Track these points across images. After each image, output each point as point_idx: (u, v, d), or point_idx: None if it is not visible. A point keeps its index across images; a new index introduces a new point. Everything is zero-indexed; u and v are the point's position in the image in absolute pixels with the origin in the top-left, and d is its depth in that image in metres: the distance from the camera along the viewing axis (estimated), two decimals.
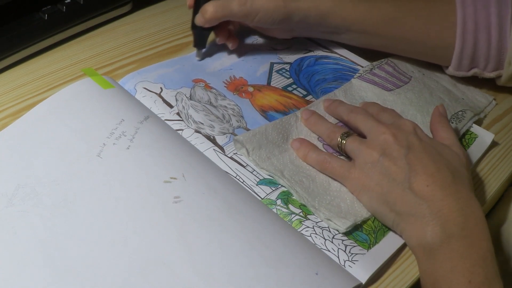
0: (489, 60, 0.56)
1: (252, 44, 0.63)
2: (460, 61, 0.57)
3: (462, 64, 0.57)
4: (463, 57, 0.56)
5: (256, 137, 0.48)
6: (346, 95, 0.55)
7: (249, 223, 0.41)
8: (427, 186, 0.41)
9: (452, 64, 0.57)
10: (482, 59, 0.56)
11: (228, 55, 0.60)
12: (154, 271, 0.37)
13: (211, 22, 0.55)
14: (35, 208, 0.40)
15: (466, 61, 0.56)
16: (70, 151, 0.44)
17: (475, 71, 0.57)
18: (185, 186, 0.43)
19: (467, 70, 0.58)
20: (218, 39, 0.59)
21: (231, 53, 0.61)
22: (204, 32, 0.58)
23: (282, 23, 0.55)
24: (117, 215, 0.40)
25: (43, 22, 0.58)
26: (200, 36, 0.58)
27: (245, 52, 0.61)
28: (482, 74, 0.57)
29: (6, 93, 0.53)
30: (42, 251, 0.38)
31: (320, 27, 0.57)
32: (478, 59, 0.56)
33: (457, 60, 0.57)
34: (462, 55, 0.56)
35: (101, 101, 0.50)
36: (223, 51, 0.61)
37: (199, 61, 0.59)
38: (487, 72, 0.57)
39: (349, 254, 0.41)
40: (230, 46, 0.59)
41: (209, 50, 0.60)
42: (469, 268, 0.38)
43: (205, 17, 0.54)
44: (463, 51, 0.56)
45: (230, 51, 0.60)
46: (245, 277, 0.37)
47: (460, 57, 0.56)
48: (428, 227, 0.40)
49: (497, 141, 0.55)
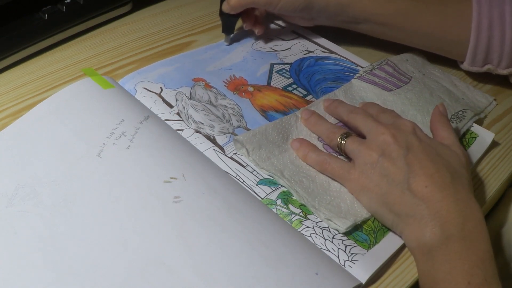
0: (502, 57, 0.57)
1: (252, 45, 0.63)
2: (474, 57, 0.58)
3: (476, 60, 0.58)
4: (477, 53, 0.58)
5: (256, 137, 0.48)
6: (346, 95, 0.55)
7: (249, 223, 0.41)
8: (426, 187, 0.41)
9: (467, 60, 0.59)
10: (495, 56, 0.57)
11: (227, 55, 0.61)
12: (154, 271, 0.37)
13: (236, 9, 0.59)
14: (35, 208, 0.40)
15: (480, 57, 0.58)
16: (70, 151, 0.44)
17: (488, 67, 0.59)
18: (185, 186, 0.43)
19: (481, 66, 0.59)
20: (245, 25, 0.62)
21: (230, 54, 0.61)
22: (231, 19, 0.61)
23: (304, 11, 0.58)
24: (117, 215, 0.40)
25: (43, 22, 0.58)
26: (227, 22, 0.61)
27: (245, 52, 0.62)
28: (495, 70, 0.59)
29: (6, 93, 0.53)
30: (42, 251, 0.38)
31: (339, 16, 0.60)
32: (492, 55, 0.57)
33: (471, 56, 0.58)
34: (476, 51, 0.57)
35: (101, 101, 0.50)
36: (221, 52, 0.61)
37: (227, 46, 0.62)
38: (501, 69, 0.58)
39: (349, 254, 0.41)
40: (256, 32, 0.63)
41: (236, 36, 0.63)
42: (467, 269, 0.37)
43: (230, 4, 0.58)
44: (477, 47, 0.57)
45: (230, 50, 0.61)
46: (245, 277, 0.37)
47: (474, 53, 0.58)
48: (427, 228, 0.40)
49: (497, 141, 0.55)
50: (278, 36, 0.65)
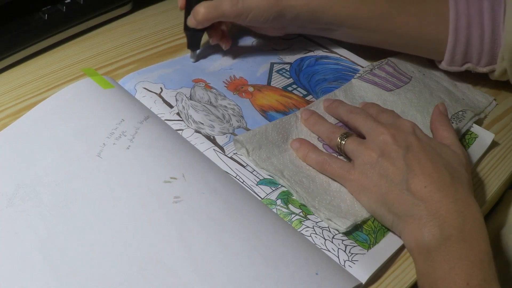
0: (482, 55, 0.56)
1: (252, 45, 0.63)
2: (453, 56, 0.57)
3: (455, 59, 0.57)
4: (456, 52, 0.56)
5: (256, 137, 0.48)
6: (346, 95, 0.55)
7: (249, 223, 0.41)
8: (425, 187, 0.41)
9: (445, 59, 0.58)
10: (475, 54, 0.56)
11: (227, 56, 0.60)
12: (154, 271, 0.37)
13: (203, 24, 0.55)
14: (35, 208, 0.40)
15: (459, 56, 0.57)
16: (70, 151, 0.44)
17: (468, 66, 0.58)
18: (185, 186, 0.43)
19: (460, 65, 0.58)
20: (211, 39, 0.59)
21: (230, 54, 0.61)
22: (197, 34, 0.57)
23: (275, 21, 0.55)
24: (117, 215, 0.40)
25: (43, 22, 0.58)
26: (193, 38, 0.58)
27: (245, 52, 0.61)
28: (475, 69, 0.58)
29: (6, 93, 0.53)
30: (42, 251, 0.38)
31: (312, 24, 0.57)
32: (471, 54, 0.56)
33: (450, 55, 0.57)
34: (455, 50, 0.56)
35: (101, 101, 0.50)
36: (220, 52, 0.61)
37: (194, 62, 0.59)
38: (480, 67, 0.57)
39: (349, 254, 0.41)
40: (223, 47, 0.59)
41: (204, 52, 0.60)
42: (466, 270, 0.37)
43: (197, 19, 0.54)
44: (456, 46, 0.56)
45: (228, 51, 0.60)
46: (245, 277, 0.38)
47: (453, 52, 0.56)
48: (426, 229, 0.40)
49: (497, 141, 0.55)
50: (278, 36, 0.65)
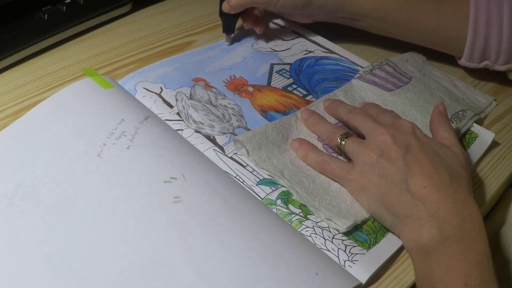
0: (500, 54, 0.58)
1: (252, 46, 0.63)
2: (472, 53, 0.59)
3: (473, 56, 0.59)
4: (475, 49, 0.58)
5: (256, 137, 0.48)
6: (346, 95, 0.55)
7: (249, 223, 0.41)
8: (424, 187, 0.41)
9: (464, 56, 0.59)
10: (493, 52, 0.58)
11: (229, 55, 0.61)
12: (154, 271, 0.37)
13: (236, 9, 0.59)
14: (35, 208, 0.40)
15: (478, 53, 0.58)
16: (70, 151, 0.44)
17: (486, 63, 0.59)
18: (185, 186, 0.43)
19: (479, 62, 0.60)
20: (245, 24, 0.63)
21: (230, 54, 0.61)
22: (231, 18, 0.61)
23: (303, 8, 0.59)
24: (117, 215, 0.40)
25: (43, 22, 0.58)
26: (228, 22, 0.62)
27: (245, 52, 0.62)
28: (493, 66, 0.59)
29: (6, 93, 0.53)
30: (42, 251, 0.38)
31: (338, 13, 0.60)
32: (489, 51, 0.58)
33: (469, 52, 0.59)
34: (474, 47, 0.58)
35: (101, 101, 0.50)
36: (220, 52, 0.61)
37: (229, 45, 0.63)
38: (498, 65, 0.59)
39: (349, 254, 0.41)
40: (257, 31, 0.63)
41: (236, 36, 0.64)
42: (465, 271, 0.37)
43: (230, 4, 0.59)
44: (474, 43, 0.58)
45: (230, 50, 0.61)
46: (245, 277, 0.37)
47: (472, 49, 0.58)
48: (424, 229, 0.40)
49: (497, 141, 0.55)
50: (278, 36, 0.65)
